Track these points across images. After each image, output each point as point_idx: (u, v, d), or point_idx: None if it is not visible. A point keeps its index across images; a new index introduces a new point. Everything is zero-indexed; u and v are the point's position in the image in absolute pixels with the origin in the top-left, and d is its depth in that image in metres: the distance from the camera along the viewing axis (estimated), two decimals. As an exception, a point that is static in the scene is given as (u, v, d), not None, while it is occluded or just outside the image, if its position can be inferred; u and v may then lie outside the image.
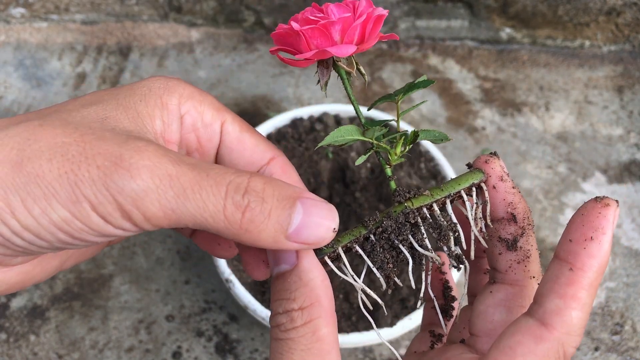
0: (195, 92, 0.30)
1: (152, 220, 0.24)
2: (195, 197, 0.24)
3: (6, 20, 0.92)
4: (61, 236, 0.24)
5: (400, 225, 0.30)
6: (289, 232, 0.26)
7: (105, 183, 0.23)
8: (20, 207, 0.23)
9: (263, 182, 0.26)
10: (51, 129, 0.24)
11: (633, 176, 0.79)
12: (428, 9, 0.90)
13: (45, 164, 0.23)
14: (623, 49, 0.92)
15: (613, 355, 0.64)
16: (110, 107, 0.27)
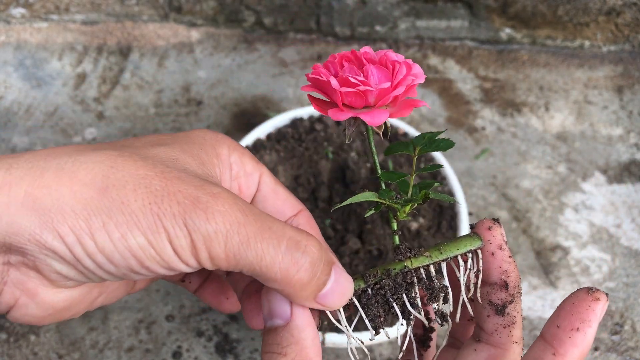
0: (237, 145, 0.34)
1: (215, 261, 0.27)
2: (257, 246, 0.26)
3: (6, 21, 0.92)
4: (132, 262, 0.26)
5: (397, 286, 0.32)
6: (319, 294, 0.29)
7: (184, 219, 0.25)
8: (101, 229, 0.25)
9: (318, 246, 0.28)
10: (132, 161, 0.26)
11: (633, 176, 0.79)
12: (428, 9, 0.90)
13: (131, 193, 0.25)
14: (623, 49, 0.92)
15: (613, 355, 0.64)
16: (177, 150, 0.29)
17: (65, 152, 0.26)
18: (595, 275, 0.70)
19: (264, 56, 0.91)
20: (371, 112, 0.30)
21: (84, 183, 0.25)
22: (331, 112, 0.31)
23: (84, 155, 0.26)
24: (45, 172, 0.25)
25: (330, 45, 0.93)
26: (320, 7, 0.90)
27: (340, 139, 0.67)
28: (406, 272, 0.32)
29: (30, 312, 0.27)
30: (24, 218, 0.24)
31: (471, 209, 0.74)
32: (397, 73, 0.30)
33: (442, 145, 0.33)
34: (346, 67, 0.31)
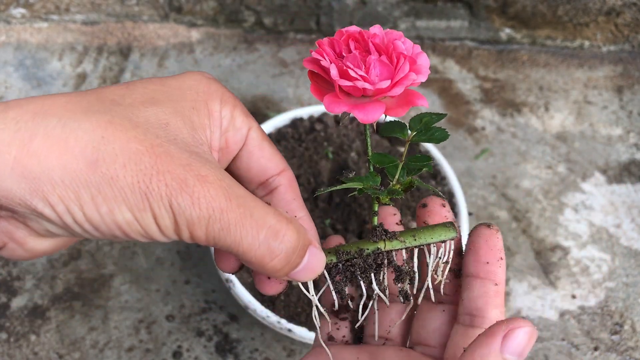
0: (230, 97, 0.33)
1: (194, 240, 0.28)
2: (236, 232, 0.27)
3: (6, 21, 0.92)
4: (117, 233, 0.27)
5: (367, 266, 0.33)
6: (291, 273, 0.30)
7: (171, 202, 0.26)
8: (89, 203, 0.25)
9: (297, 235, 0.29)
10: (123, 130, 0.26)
11: (632, 176, 0.79)
12: (428, 9, 0.90)
13: (120, 169, 0.25)
14: (622, 49, 0.92)
15: (612, 355, 0.64)
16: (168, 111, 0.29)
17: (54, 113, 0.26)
18: (595, 275, 0.70)
19: (264, 56, 0.91)
20: (366, 107, 0.30)
21: (73, 154, 0.25)
22: (327, 101, 0.30)
23: (73, 119, 0.26)
24: (33, 137, 0.25)
25: (330, 45, 0.93)
26: (320, 7, 0.90)
27: (340, 139, 0.67)
28: (378, 253, 0.33)
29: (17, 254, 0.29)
30: (14, 184, 0.24)
31: (471, 209, 0.75)
32: (399, 70, 0.30)
33: (436, 134, 0.33)
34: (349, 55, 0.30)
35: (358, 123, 0.69)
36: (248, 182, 0.36)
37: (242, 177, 0.35)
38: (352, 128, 0.69)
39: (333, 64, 0.30)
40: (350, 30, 0.31)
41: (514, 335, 0.28)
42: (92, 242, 0.70)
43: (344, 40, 0.31)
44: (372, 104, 0.30)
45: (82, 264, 0.68)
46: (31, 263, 0.68)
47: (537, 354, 0.64)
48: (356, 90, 0.30)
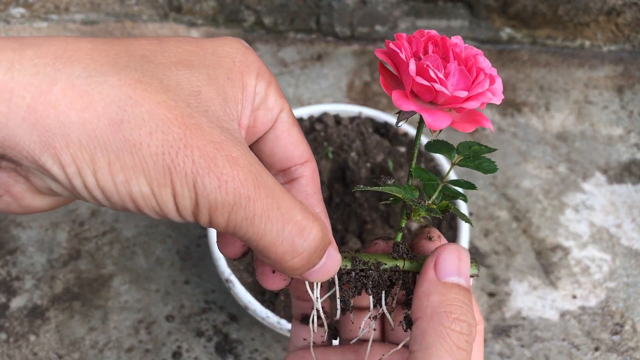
0: (266, 72, 0.30)
1: (213, 225, 0.25)
2: (260, 224, 0.25)
3: (6, 21, 0.92)
4: (129, 205, 0.24)
5: (381, 281, 0.32)
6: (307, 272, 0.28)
7: (195, 181, 0.24)
8: (105, 168, 0.23)
9: (321, 234, 0.27)
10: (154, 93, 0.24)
11: (633, 176, 0.79)
12: (428, 9, 0.90)
13: (145, 136, 0.23)
14: (623, 49, 0.92)
15: (613, 355, 0.64)
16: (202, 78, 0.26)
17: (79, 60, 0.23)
18: (595, 275, 0.70)
19: (264, 56, 0.91)
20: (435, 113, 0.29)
21: (96, 111, 0.22)
22: (395, 96, 0.29)
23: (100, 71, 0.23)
24: (53, 85, 0.22)
25: (330, 45, 0.93)
26: (320, 7, 0.90)
27: (340, 139, 0.67)
28: (395, 271, 0.32)
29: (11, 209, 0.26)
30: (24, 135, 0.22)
31: (471, 209, 0.74)
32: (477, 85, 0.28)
33: (485, 165, 0.31)
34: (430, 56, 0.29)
35: (358, 123, 0.69)
36: (269, 167, 0.33)
37: (264, 161, 0.33)
38: (352, 128, 0.68)
39: (413, 60, 0.28)
40: (431, 33, 0.30)
41: (442, 258, 0.29)
42: (92, 242, 0.70)
43: (424, 41, 0.30)
44: (441, 112, 0.29)
45: (82, 264, 0.68)
46: (31, 263, 0.68)
47: (538, 354, 0.64)
48: (429, 92, 0.29)
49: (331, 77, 0.89)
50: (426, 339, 0.27)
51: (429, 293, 0.28)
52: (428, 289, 0.28)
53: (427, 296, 0.28)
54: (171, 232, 0.71)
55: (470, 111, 0.30)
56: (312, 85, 0.87)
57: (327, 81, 0.88)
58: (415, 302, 0.29)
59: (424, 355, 0.27)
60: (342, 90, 0.87)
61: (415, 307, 0.28)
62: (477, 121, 0.30)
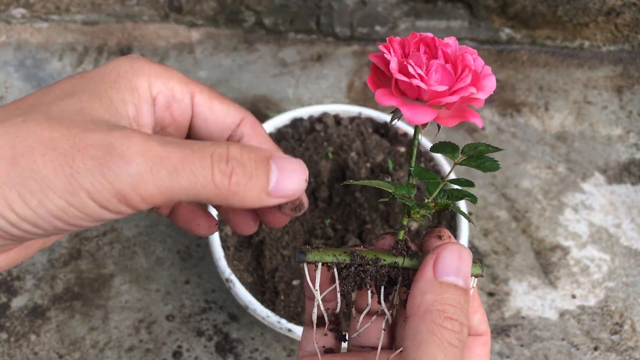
0: (161, 70, 0.31)
1: (148, 199, 0.26)
2: (186, 172, 0.26)
3: (7, 21, 0.92)
4: (58, 224, 0.25)
5: (381, 277, 0.31)
6: (269, 189, 0.28)
7: (102, 172, 0.24)
8: (18, 200, 0.24)
9: (240, 149, 0.28)
10: (36, 125, 0.25)
11: (632, 176, 0.79)
12: (428, 9, 0.90)
13: (39, 158, 0.24)
14: (622, 49, 0.92)
15: (612, 354, 0.64)
16: (85, 97, 0.28)
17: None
18: (594, 275, 0.70)
19: (264, 56, 0.91)
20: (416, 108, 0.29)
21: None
22: (378, 93, 0.30)
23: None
24: None
25: (330, 45, 0.93)
26: (320, 7, 0.90)
27: (340, 139, 0.67)
28: (393, 267, 0.31)
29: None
30: None
31: (470, 208, 0.75)
32: (459, 80, 0.29)
33: (487, 164, 0.31)
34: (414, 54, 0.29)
35: (358, 123, 0.69)
36: None
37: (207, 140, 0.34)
38: (352, 128, 0.69)
39: (395, 58, 0.29)
40: (423, 35, 0.30)
41: (442, 257, 0.29)
42: (92, 242, 0.70)
43: (415, 43, 0.30)
44: (424, 108, 0.29)
45: (82, 264, 0.68)
46: (31, 263, 0.68)
47: (537, 354, 0.64)
48: (411, 89, 0.29)
49: (331, 77, 0.89)
50: (418, 336, 0.27)
51: (424, 291, 0.28)
52: (424, 287, 0.28)
53: (422, 294, 0.28)
54: (171, 232, 0.71)
55: (459, 107, 0.30)
56: (312, 86, 0.88)
57: (327, 81, 0.88)
58: (410, 299, 0.29)
59: (416, 351, 0.27)
60: (342, 91, 0.87)
61: (409, 305, 0.28)
62: (463, 116, 0.30)
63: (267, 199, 0.28)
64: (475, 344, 0.31)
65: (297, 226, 0.63)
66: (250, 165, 0.28)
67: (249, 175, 0.27)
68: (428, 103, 0.30)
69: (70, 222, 0.25)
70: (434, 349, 0.26)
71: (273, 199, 0.29)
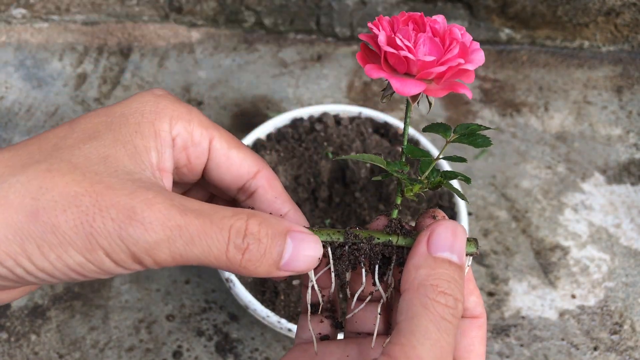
0: (184, 112, 0.32)
1: (161, 263, 0.27)
2: (202, 243, 0.27)
3: (7, 21, 0.92)
4: (73, 275, 0.26)
5: (374, 255, 0.31)
6: (281, 264, 0.29)
7: (121, 235, 0.25)
8: (37, 252, 0.25)
9: (259, 224, 0.28)
10: (60, 176, 0.26)
11: (632, 176, 0.79)
12: (428, 10, 0.90)
13: (61, 214, 0.25)
14: (622, 50, 0.92)
15: (612, 354, 0.64)
16: (109, 142, 0.28)
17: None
18: (594, 275, 0.70)
19: (264, 56, 0.91)
20: (405, 80, 0.29)
21: (14, 208, 0.25)
22: (367, 67, 0.30)
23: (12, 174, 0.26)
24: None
25: (330, 45, 0.93)
26: (320, 7, 0.90)
27: (340, 139, 0.67)
28: (387, 245, 0.31)
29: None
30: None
31: (471, 208, 0.75)
32: (447, 51, 0.29)
33: (479, 141, 0.31)
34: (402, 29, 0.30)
35: (358, 123, 0.69)
36: (227, 190, 0.35)
37: (219, 186, 0.35)
38: (352, 128, 0.69)
39: (383, 32, 0.29)
40: (412, 13, 0.31)
41: (436, 233, 0.29)
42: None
43: (404, 21, 0.30)
44: (413, 80, 0.29)
45: (83, 264, 0.69)
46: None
47: (537, 354, 0.64)
48: (400, 62, 0.29)
49: (331, 77, 0.89)
50: (411, 310, 0.27)
51: (418, 266, 0.28)
52: (418, 262, 0.28)
53: (416, 269, 0.28)
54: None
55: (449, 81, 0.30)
56: (312, 86, 0.88)
57: (327, 81, 0.89)
58: (404, 274, 0.29)
59: (409, 324, 0.27)
60: (342, 91, 0.87)
61: (403, 280, 0.28)
62: (452, 87, 0.30)
63: (276, 272, 0.29)
64: (471, 327, 0.31)
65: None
66: (266, 242, 0.28)
67: (262, 252, 0.28)
68: (417, 76, 0.30)
69: (85, 275, 0.27)
70: (426, 323, 0.26)
71: (282, 273, 0.29)
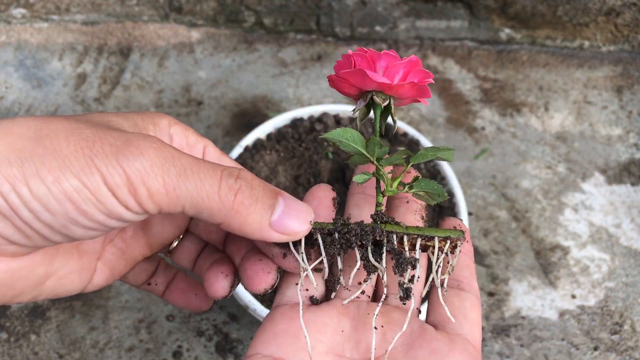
0: (180, 122, 0.35)
1: (155, 197, 0.27)
2: (194, 176, 0.27)
3: (7, 21, 0.92)
4: (68, 207, 0.26)
5: (365, 234, 0.31)
6: (272, 219, 0.29)
7: (117, 158, 0.26)
8: (34, 175, 0.25)
9: (251, 175, 0.29)
10: (64, 119, 0.27)
11: (632, 176, 0.79)
12: (428, 10, 0.90)
13: (63, 140, 0.26)
14: (622, 49, 0.92)
15: (612, 354, 0.64)
16: (111, 116, 0.30)
17: None
18: (594, 275, 0.70)
19: (264, 56, 0.91)
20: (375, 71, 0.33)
21: (18, 135, 0.26)
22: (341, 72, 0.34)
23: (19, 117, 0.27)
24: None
25: (330, 45, 0.93)
26: (320, 7, 0.90)
27: (340, 139, 0.67)
28: (377, 229, 0.31)
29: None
30: None
31: (471, 208, 0.75)
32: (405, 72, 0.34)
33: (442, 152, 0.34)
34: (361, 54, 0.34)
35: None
36: None
37: None
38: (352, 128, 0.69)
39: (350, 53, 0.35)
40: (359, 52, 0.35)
41: None
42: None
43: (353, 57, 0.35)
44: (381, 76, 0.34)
45: (83, 264, 0.69)
46: (31, 263, 0.68)
47: (537, 354, 0.64)
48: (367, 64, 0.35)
49: (331, 77, 0.89)
50: None
51: None
52: None
53: None
54: (171, 232, 0.71)
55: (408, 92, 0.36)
56: (312, 86, 0.88)
57: (327, 81, 0.89)
58: None
59: None
60: (342, 91, 0.87)
61: None
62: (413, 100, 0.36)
63: (268, 230, 0.29)
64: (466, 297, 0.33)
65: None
66: (258, 190, 0.28)
67: (254, 198, 0.28)
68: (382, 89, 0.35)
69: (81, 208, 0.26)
70: None
71: (274, 233, 0.29)
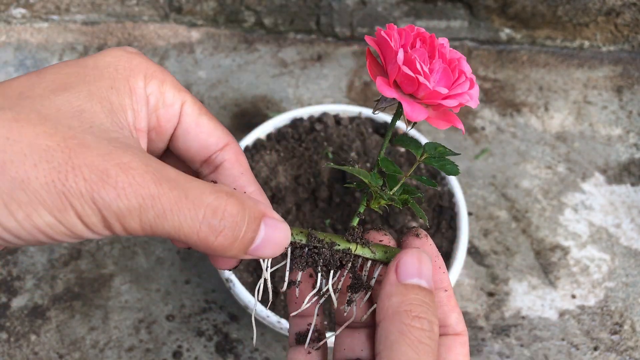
0: (157, 71, 0.31)
1: (129, 232, 0.26)
2: (174, 218, 0.26)
3: (7, 21, 0.92)
4: (41, 237, 0.25)
5: (332, 260, 0.32)
6: (249, 250, 0.28)
7: (93, 197, 0.24)
8: (4, 210, 0.23)
9: (238, 207, 0.27)
10: (30, 127, 0.24)
11: (632, 176, 0.79)
12: (428, 9, 0.90)
13: (31, 169, 0.23)
14: (622, 50, 0.92)
15: (612, 354, 0.64)
16: (83, 95, 0.27)
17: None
18: (594, 275, 0.70)
19: (264, 56, 0.91)
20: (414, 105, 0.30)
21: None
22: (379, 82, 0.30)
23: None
24: None
25: (330, 45, 0.93)
26: (320, 7, 0.90)
27: (340, 139, 0.67)
28: (347, 253, 0.32)
29: None
30: None
31: (471, 208, 0.75)
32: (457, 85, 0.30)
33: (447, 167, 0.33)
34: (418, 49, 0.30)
35: (358, 123, 0.69)
36: (191, 161, 0.34)
37: (184, 156, 0.33)
38: (352, 128, 0.69)
39: (402, 49, 0.29)
40: (420, 30, 0.31)
41: (402, 262, 0.30)
42: (92, 242, 0.70)
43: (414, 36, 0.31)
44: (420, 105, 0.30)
45: (82, 264, 0.68)
46: (31, 263, 0.68)
47: (537, 354, 0.64)
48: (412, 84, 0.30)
49: (331, 77, 0.89)
50: (389, 338, 0.27)
51: (390, 295, 0.29)
52: (390, 291, 0.29)
53: (388, 298, 0.29)
54: (171, 232, 0.71)
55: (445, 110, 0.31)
56: (312, 86, 0.88)
57: (327, 81, 0.89)
58: (378, 304, 0.29)
59: (389, 353, 0.27)
60: (342, 91, 0.87)
61: (378, 310, 0.29)
62: (451, 121, 0.31)
63: (241, 255, 0.28)
64: (455, 344, 0.32)
65: (297, 226, 0.63)
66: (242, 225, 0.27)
67: (237, 237, 0.27)
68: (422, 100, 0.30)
69: (54, 237, 0.25)
70: (405, 349, 0.27)
71: (247, 256, 0.29)
